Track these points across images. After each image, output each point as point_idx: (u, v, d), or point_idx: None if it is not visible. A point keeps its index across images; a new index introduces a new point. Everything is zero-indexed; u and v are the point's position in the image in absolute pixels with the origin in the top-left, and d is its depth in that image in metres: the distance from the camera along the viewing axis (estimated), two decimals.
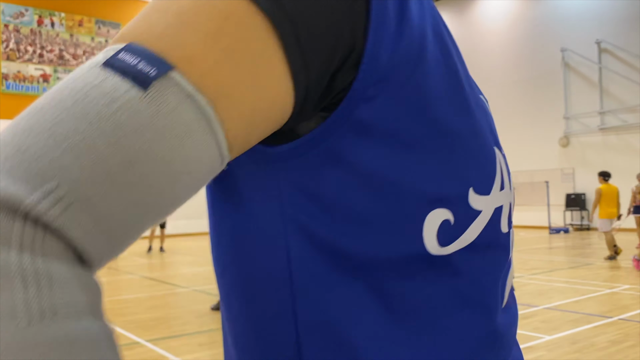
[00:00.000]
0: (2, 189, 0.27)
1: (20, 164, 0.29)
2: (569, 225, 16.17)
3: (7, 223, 0.27)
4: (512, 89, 18.13)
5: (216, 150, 0.35)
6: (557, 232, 15.60)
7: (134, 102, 0.31)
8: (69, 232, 0.29)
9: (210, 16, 0.35)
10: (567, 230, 15.83)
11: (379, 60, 0.40)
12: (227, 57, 0.35)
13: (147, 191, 0.32)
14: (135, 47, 0.33)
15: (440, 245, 0.43)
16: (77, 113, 0.30)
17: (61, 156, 0.29)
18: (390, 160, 0.41)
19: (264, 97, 0.36)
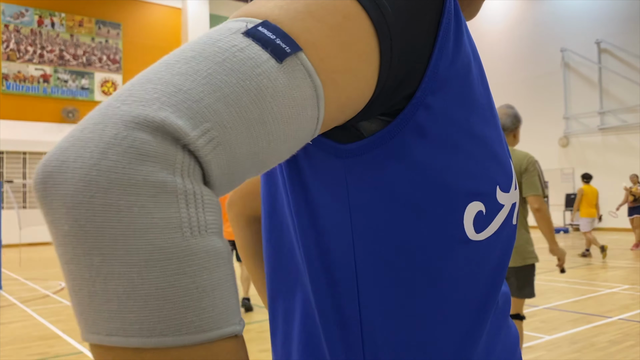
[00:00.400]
0: (171, 120, 0.32)
1: (183, 102, 0.33)
2: (569, 225, 16.18)
3: (172, 150, 0.32)
4: (512, 89, 18.13)
5: (314, 125, 0.41)
6: (557, 232, 15.59)
7: (272, 70, 0.36)
8: (211, 168, 0.34)
9: (334, 12, 0.41)
10: (567, 231, 15.83)
11: (438, 73, 0.47)
12: (341, 49, 0.40)
13: (266, 146, 0.37)
14: (271, 24, 0.38)
15: (476, 232, 0.52)
16: (227, 69, 0.35)
17: (215, 102, 0.34)
18: (439, 159, 0.49)
19: (356, 91, 0.42)
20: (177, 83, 0.34)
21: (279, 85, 0.37)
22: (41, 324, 5.49)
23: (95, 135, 0.32)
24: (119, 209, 0.31)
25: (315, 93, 0.39)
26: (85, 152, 0.31)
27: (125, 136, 0.31)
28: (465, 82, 0.51)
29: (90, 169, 0.31)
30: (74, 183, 0.31)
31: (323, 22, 0.40)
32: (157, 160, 0.32)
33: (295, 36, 0.38)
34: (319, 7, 0.41)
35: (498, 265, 0.57)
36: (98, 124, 0.32)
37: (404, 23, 0.44)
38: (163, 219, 0.32)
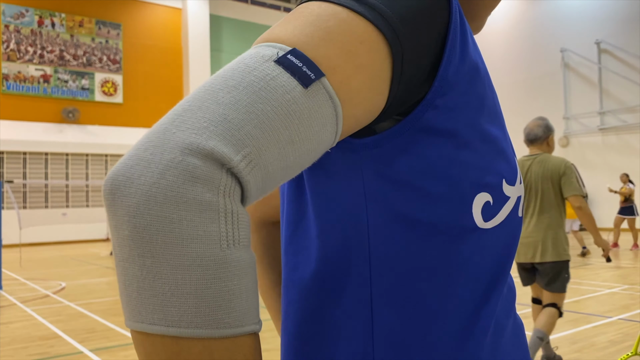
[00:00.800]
0: (219, 149, 0.39)
1: (228, 131, 0.40)
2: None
3: (218, 174, 0.39)
4: (512, 89, 18.14)
5: (333, 138, 0.47)
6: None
7: (300, 97, 0.43)
8: (249, 187, 0.41)
9: (351, 38, 0.47)
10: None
11: (447, 78, 0.53)
12: (357, 71, 0.47)
13: (293, 161, 0.44)
14: (299, 52, 0.45)
15: (484, 221, 0.56)
16: (263, 98, 0.42)
17: (253, 129, 0.41)
18: (448, 154, 0.54)
19: (371, 105, 0.49)
20: (222, 113, 0.40)
21: (305, 109, 0.43)
22: (41, 324, 5.49)
23: (155, 157, 0.38)
24: (171, 220, 0.37)
25: (335, 112, 0.45)
26: (148, 171, 0.38)
27: (181, 161, 0.38)
28: (471, 85, 0.55)
29: (151, 186, 0.38)
30: (137, 197, 0.38)
31: (342, 48, 0.46)
32: (206, 183, 0.38)
33: (318, 62, 0.45)
34: (338, 33, 0.46)
35: (504, 254, 0.61)
36: (158, 147, 0.39)
37: (416, 38, 0.50)
38: (206, 232, 0.38)
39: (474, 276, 0.57)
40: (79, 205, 17.19)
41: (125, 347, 4.52)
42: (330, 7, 0.48)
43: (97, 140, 17.51)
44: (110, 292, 7.32)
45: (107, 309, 6.19)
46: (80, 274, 9.33)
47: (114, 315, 5.80)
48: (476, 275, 0.57)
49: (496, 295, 0.60)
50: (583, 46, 16.61)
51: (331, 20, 0.47)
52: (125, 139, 17.98)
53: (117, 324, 5.39)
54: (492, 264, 0.59)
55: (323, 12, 0.48)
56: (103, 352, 4.38)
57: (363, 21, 0.47)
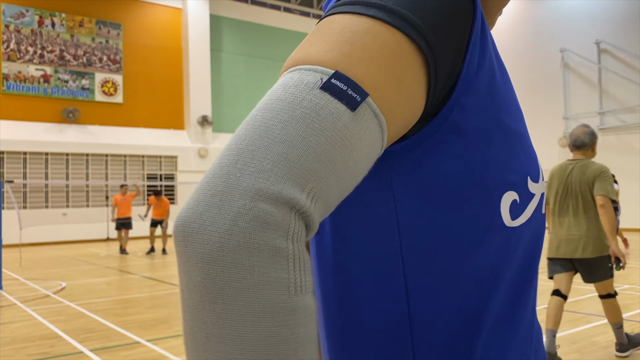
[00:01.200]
0: (287, 192, 0.40)
1: (290, 170, 0.40)
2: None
3: (287, 218, 0.40)
4: None
5: (380, 151, 0.48)
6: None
7: (349, 121, 0.44)
8: (313, 220, 0.42)
9: (388, 53, 0.47)
10: None
11: (469, 76, 0.54)
12: (397, 85, 0.47)
13: (349, 185, 0.45)
14: (341, 75, 0.45)
15: (512, 219, 0.57)
16: (317, 129, 0.42)
17: (312, 163, 0.41)
18: (475, 153, 0.54)
19: (411, 113, 0.50)
20: (282, 151, 0.41)
21: (355, 132, 0.44)
22: (41, 324, 5.49)
23: (225, 204, 0.39)
24: (244, 267, 0.38)
25: (381, 129, 0.46)
26: (220, 218, 0.38)
27: (252, 207, 0.39)
28: (492, 82, 0.56)
29: (224, 234, 0.38)
30: (210, 244, 0.38)
31: (381, 64, 0.47)
32: (276, 229, 0.39)
33: (360, 82, 0.45)
34: (375, 49, 0.47)
35: (532, 251, 0.62)
36: (226, 194, 0.39)
37: (446, 45, 0.51)
38: (276, 279, 0.39)
39: (504, 276, 0.58)
40: (79, 205, 17.19)
41: (125, 347, 4.52)
42: (364, 22, 0.48)
43: (97, 140, 17.50)
44: (110, 292, 7.33)
45: (107, 309, 6.19)
46: (80, 274, 9.33)
47: (114, 315, 5.80)
48: (506, 274, 0.58)
49: (526, 294, 0.61)
50: (583, 46, 16.60)
51: (366, 36, 0.47)
52: (125, 139, 17.97)
53: (117, 324, 5.40)
54: (521, 263, 0.60)
55: (357, 28, 0.48)
56: (103, 352, 4.38)
57: (397, 33, 0.48)
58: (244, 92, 21.01)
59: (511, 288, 0.59)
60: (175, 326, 5.24)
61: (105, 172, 17.68)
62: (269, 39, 21.85)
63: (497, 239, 0.57)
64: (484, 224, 0.56)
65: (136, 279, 8.58)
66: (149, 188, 18.14)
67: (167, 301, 6.59)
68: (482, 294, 0.57)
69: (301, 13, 23.05)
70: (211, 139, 19.71)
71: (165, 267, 9.98)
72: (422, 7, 0.50)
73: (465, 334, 0.56)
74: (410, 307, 0.57)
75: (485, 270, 0.57)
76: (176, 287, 7.60)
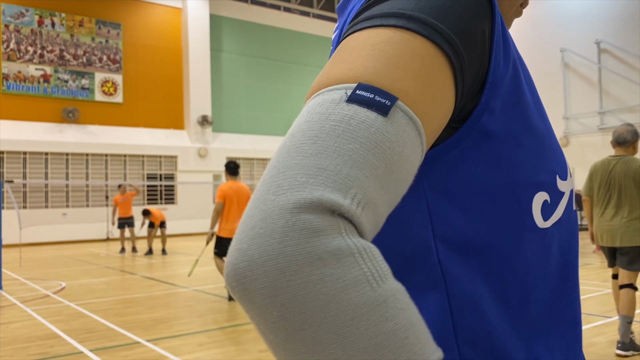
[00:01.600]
0: (326, 197, 0.38)
1: (327, 179, 0.39)
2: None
3: (334, 220, 0.38)
4: None
5: (421, 156, 0.47)
6: None
7: (382, 126, 0.43)
8: (364, 228, 0.40)
9: (413, 57, 0.47)
10: None
11: (496, 78, 0.53)
12: (426, 88, 0.46)
13: (395, 192, 0.44)
14: (365, 85, 0.44)
15: (543, 220, 0.57)
16: (349, 138, 0.41)
17: (351, 170, 0.40)
18: (504, 155, 0.54)
19: (443, 116, 0.49)
20: (315, 164, 0.40)
21: (392, 136, 0.43)
22: (41, 324, 5.49)
23: (267, 229, 0.37)
24: (314, 282, 0.36)
25: (418, 131, 0.45)
26: (266, 246, 0.36)
27: (295, 221, 0.37)
28: (517, 83, 0.56)
29: (277, 259, 0.36)
30: (267, 275, 0.36)
31: (406, 69, 0.46)
32: (327, 232, 0.37)
33: (387, 88, 0.45)
34: (399, 55, 0.46)
35: (565, 249, 0.61)
36: (265, 219, 0.38)
37: (471, 48, 0.50)
38: (352, 279, 0.37)
39: (541, 277, 0.58)
40: (79, 205, 17.19)
41: (125, 347, 4.52)
42: (383, 33, 0.48)
43: (97, 140, 17.50)
44: (110, 292, 7.32)
45: (107, 309, 6.19)
46: (80, 274, 9.33)
47: (114, 315, 5.80)
48: (543, 276, 0.58)
49: (566, 293, 0.60)
50: (583, 46, 16.60)
51: (387, 45, 0.47)
52: (125, 139, 17.97)
53: (117, 324, 5.39)
54: (555, 262, 0.60)
55: (377, 40, 0.47)
56: (103, 352, 4.38)
57: (419, 38, 0.47)
58: (244, 92, 21.01)
59: (549, 289, 0.59)
60: (175, 326, 5.24)
61: (105, 172, 17.68)
62: (269, 39, 21.85)
63: (531, 241, 0.56)
64: (518, 227, 0.55)
65: (136, 279, 8.58)
66: (149, 188, 18.14)
67: (167, 301, 6.59)
68: (520, 298, 0.56)
69: (301, 13, 23.04)
70: (211, 139, 19.71)
71: (165, 267, 9.98)
72: (443, 12, 0.49)
73: (506, 339, 0.55)
74: (453, 314, 0.55)
75: (522, 273, 0.56)
76: (176, 287, 7.60)
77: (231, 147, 20.08)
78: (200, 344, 4.57)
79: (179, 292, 7.20)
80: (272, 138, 21.40)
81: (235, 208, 6.50)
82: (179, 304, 6.37)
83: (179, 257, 11.60)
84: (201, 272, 9.11)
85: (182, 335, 4.86)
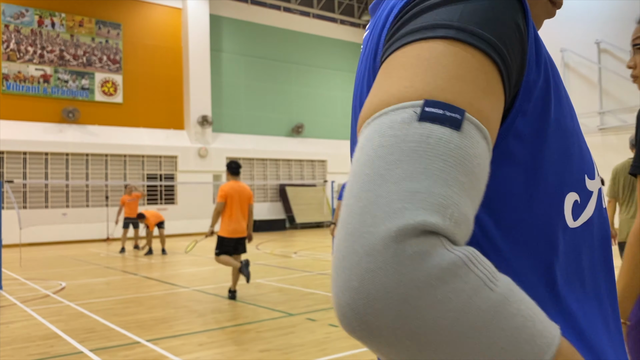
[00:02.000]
0: (428, 220, 0.39)
1: (423, 201, 0.39)
2: None
3: (439, 239, 0.38)
4: None
5: (489, 161, 0.47)
6: None
7: (459, 141, 0.43)
8: (459, 242, 0.41)
9: (468, 69, 0.48)
10: None
11: (530, 81, 0.55)
12: (484, 97, 0.48)
13: (479, 197, 0.45)
14: (432, 101, 0.45)
15: (573, 220, 0.58)
16: (432, 157, 0.42)
17: (442, 189, 0.40)
18: (536, 157, 0.55)
19: (499, 122, 0.50)
20: (406, 188, 0.40)
21: (468, 149, 0.44)
22: (41, 324, 5.49)
23: (377, 263, 0.37)
24: (439, 302, 0.36)
25: (486, 140, 0.46)
26: (380, 279, 0.37)
27: (403, 249, 0.37)
28: (548, 84, 0.57)
29: (397, 289, 0.36)
30: (391, 308, 0.36)
31: (465, 81, 0.47)
32: (436, 251, 0.38)
33: (452, 101, 0.45)
34: (455, 67, 0.47)
35: (599, 248, 0.62)
36: (370, 253, 0.38)
37: (512, 56, 0.52)
38: (472, 288, 0.38)
39: (575, 276, 0.58)
40: (79, 205, 17.19)
41: (125, 347, 4.52)
42: (435, 45, 0.48)
43: (97, 140, 17.50)
44: (110, 292, 7.33)
45: (107, 308, 6.19)
46: (80, 274, 9.33)
47: (114, 315, 5.80)
48: (576, 274, 0.59)
49: (601, 292, 0.61)
50: (583, 46, 16.61)
51: (443, 58, 0.48)
52: (125, 139, 17.97)
53: (117, 323, 5.40)
54: (588, 261, 0.60)
55: (431, 54, 0.48)
56: (103, 352, 4.38)
57: (469, 48, 0.48)
58: (244, 92, 21.00)
59: (582, 289, 0.59)
60: (175, 326, 5.24)
61: (105, 172, 17.68)
62: (269, 39, 21.85)
63: (564, 241, 0.57)
64: (551, 227, 0.56)
65: (136, 279, 8.58)
66: (149, 188, 18.14)
67: (167, 301, 6.59)
68: (553, 298, 0.56)
69: (301, 13, 23.04)
70: (211, 139, 19.71)
71: (165, 267, 9.98)
72: (487, 21, 0.50)
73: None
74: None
75: (551, 275, 0.57)
76: (176, 287, 7.61)
77: (231, 147, 20.08)
78: (201, 343, 4.57)
79: (179, 292, 7.21)
80: (272, 138, 21.40)
81: (237, 208, 6.49)
82: (179, 304, 6.37)
83: (179, 257, 11.60)
84: (201, 272, 9.12)
85: (182, 335, 4.86)
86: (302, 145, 22.12)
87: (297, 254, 11.61)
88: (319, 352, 4.21)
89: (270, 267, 9.52)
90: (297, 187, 21.12)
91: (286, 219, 20.90)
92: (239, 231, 6.52)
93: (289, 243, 14.72)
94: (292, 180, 21.64)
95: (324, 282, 7.65)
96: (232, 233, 6.48)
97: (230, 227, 6.46)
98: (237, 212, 6.49)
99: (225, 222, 6.47)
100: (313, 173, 22.39)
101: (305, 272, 8.79)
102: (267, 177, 21.17)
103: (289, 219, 20.91)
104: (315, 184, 21.62)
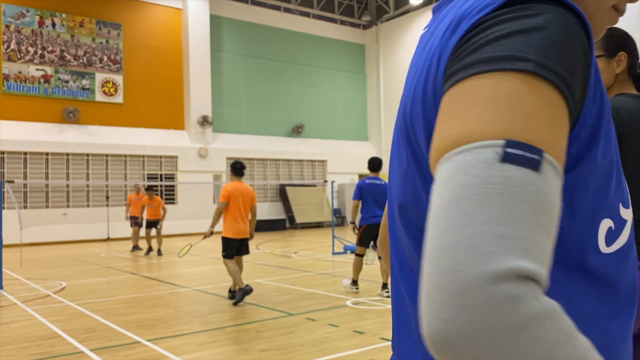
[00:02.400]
0: (517, 266, 0.41)
1: (509, 246, 0.41)
2: None
3: (529, 286, 0.40)
4: None
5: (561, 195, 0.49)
6: None
7: (538, 182, 0.45)
8: (544, 282, 0.42)
9: (544, 106, 0.49)
10: None
11: (587, 112, 0.56)
12: (558, 133, 0.49)
13: (555, 233, 0.46)
14: (514, 142, 0.46)
15: (607, 246, 0.60)
16: (516, 200, 0.43)
17: (526, 232, 0.42)
18: (582, 182, 0.57)
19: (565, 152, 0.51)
20: (494, 232, 0.42)
21: (547, 189, 0.45)
22: (42, 323, 5.50)
23: (470, 302, 0.40)
24: (523, 347, 0.39)
25: (559, 176, 0.48)
26: (473, 317, 0.39)
27: (496, 292, 0.40)
28: (601, 113, 0.58)
29: (488, 329, 0.39)
30: (480, 344, 0.39)
31: (542, 118, 0.48)
32: (526, 298, 0.40)
33: (531, 141, 0.47)
34: (533, 104, 0.48)
35: (626, 277, 0.63)
36: (464, 292, 0.40)
37: (578, 86, 0.53)
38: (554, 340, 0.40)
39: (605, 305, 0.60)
40: (79, 205, 17.20)
41: (125, 347, 4.53)
42: (512, 79, 0.49)
43: (98, 140, 17.51)
44: (111, 292, 7.33)
45: (108, 308, 6.20)
46: (80, 273, 9.34)
47: (114, 315, 5.81)
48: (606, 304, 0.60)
49: (629, 314, 0.62)
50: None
51: (521, 94, 0.48)
52: (125, 139, 17.98)
53: (117, 323, 5.40)
54: (620, 287, 0.62)
55: (509, 90, 0.49)
56: (103, 351, 4.39)
57: (544, 84, 0.49)
58: (244, 92, 21.01)
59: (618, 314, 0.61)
60: (175, 326, 5.25)
61: (106, 172, 17.69)
62: (269, 39, 21.86)
63: (596, 265, 0.59)
64: (586, 251, 0.58)
65: (136, 279, 8.59)
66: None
67: (167, 301, 6.60)
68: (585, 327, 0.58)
69: (301, 13, 23.04)
70: (211, 139, 19.72)
71: (165, 267, 9.99)
72: (560, 54, 0.51)
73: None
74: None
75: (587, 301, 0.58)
76: (176, 287, 7.61)
77: (231, 147, 20.09)
78: (201, 343, 4.58)
79: (179, 292, 7.21)
80: (272, 138, 21.40)
81: (241, 209, 6.46)
82: (179, 304, 6.37)
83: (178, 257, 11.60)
84: (201, 272, 9.13)
85: (182, 335, 4.87)
86: (302, 145, 22.13)
87: (297, 254, 11.62)
88: (319, 352, 4.22)
89: (271, 267, 9.53)
90: (297, 187, 21.13)
91: (286, 219, 20.91)
92: (244, 232, 6.51)
93: (289, 243, 14.72)
94: (292, 181, 21.64)
95: (324, 282, 7.65)
96: (237, 234, 6.45)
97: (236, 228, 6.43)
98: (242, 213, 6.47)
99: (230, 223, 6.44)
100: (313, 173, 22.40)
101: (305, 272, 8.79)
102: (267, 177, 21.18)
103: (289, 219, 20.92)
104: (315, 184, 21.61)
